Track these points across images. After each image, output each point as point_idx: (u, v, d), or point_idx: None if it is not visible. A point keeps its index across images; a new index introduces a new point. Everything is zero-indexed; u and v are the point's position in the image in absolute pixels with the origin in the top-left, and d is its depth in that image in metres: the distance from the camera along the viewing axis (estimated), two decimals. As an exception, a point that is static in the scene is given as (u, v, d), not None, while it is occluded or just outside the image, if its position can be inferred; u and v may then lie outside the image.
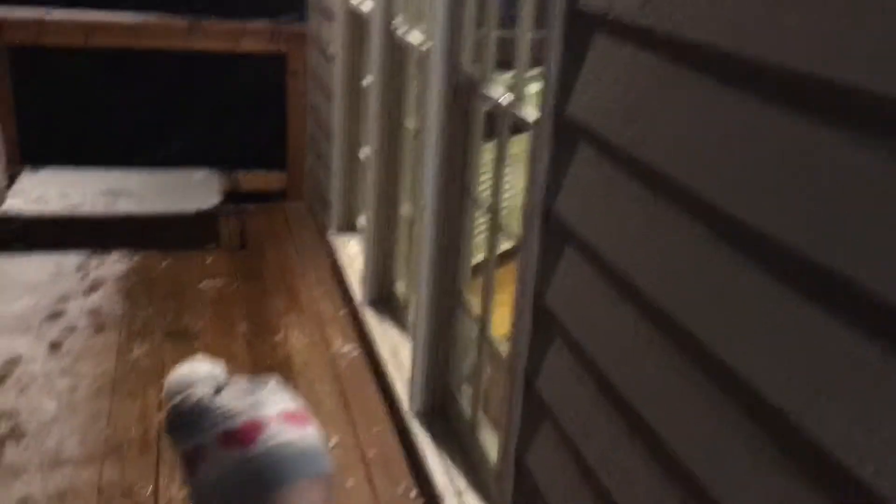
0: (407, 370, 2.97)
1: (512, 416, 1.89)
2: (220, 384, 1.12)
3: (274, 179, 5.35)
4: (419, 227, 2.81)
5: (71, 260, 4.26)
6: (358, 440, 2.99)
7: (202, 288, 4.13)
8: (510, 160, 2.45)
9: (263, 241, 4.77)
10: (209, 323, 3.78)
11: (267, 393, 1.11)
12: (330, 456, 1.10)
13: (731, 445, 1.11)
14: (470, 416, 2.62)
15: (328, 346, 3.65)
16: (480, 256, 2.75)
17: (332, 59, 4.21)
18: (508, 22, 2.31)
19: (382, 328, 3.40)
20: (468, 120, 2.58)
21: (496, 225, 2.41)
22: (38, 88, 4.93)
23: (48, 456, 2.78)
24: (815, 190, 0.95)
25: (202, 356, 1.18)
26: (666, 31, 1.23)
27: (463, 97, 2.57)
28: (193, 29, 4.89)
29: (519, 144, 4.30)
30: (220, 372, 1.14)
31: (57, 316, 3.70)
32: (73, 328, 3.61)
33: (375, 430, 3.04)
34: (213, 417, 1.07)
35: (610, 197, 1.44)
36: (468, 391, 2.75)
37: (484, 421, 2.61)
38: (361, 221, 4.06)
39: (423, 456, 2.64)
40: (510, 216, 2.40)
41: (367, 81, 3.72)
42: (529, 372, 1.81)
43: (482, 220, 2.73)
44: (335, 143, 4.19)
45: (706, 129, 1.16)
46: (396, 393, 2.97)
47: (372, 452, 2.91)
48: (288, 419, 1.08)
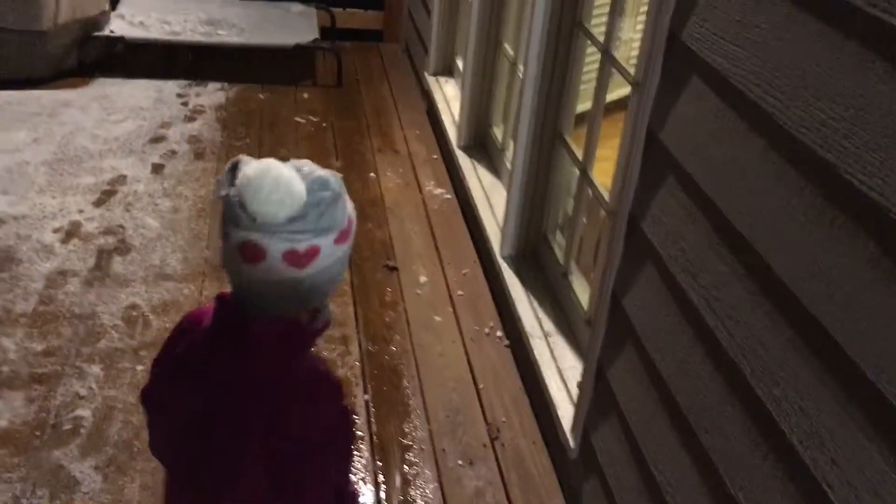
0: (500, 215, 2.94)
1: (612, 257, 1.84)
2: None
3: (371, 18, 5.22)
4: (524, 67, 2.69)
5: (171, 87, 4.31)
6: (447, 280, 3.01)
7: (298, 122, 4.13)
8: (625, 5, 2.29)
9: (359, 80, 4.71)
10: (303, 156, 3.77)
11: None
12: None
13: (856, 288, 1.04)
14: (562, 262, 2.59)
15: (420, 187, 3.64)
16: (585, 106, 2.64)
17: None
18: None
19: (477, 172, 3.35)
20: (586, -52, 2.40)
21: (608, 62, 2.28)
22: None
23: (152, 270, 2.91)
24: None
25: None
26: None
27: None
28: None
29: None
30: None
31: (159, 140, 3.78)
32: (174, 152, 3.69)
33: (465, 271, 3.06)
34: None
35: (749, 20, 1.31)
36: (561, 239, 2.71)
37: (576, 268, 2.58)
38: (459, 64, 3.94)
39: (511, 298, 2.64)
40: (622, 62, 2.26)
41: None
42: (635, 212, 1.75)
43: (592, 62, 2.59)
44: (437, -22, 4.02)
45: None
46: (488, 237, 2.95)
47: (460, 292, 2.94)
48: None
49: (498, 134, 3.40)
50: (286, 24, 4.72)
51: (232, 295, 1.17)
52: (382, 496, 2.16)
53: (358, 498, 1.22)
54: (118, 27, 4.38)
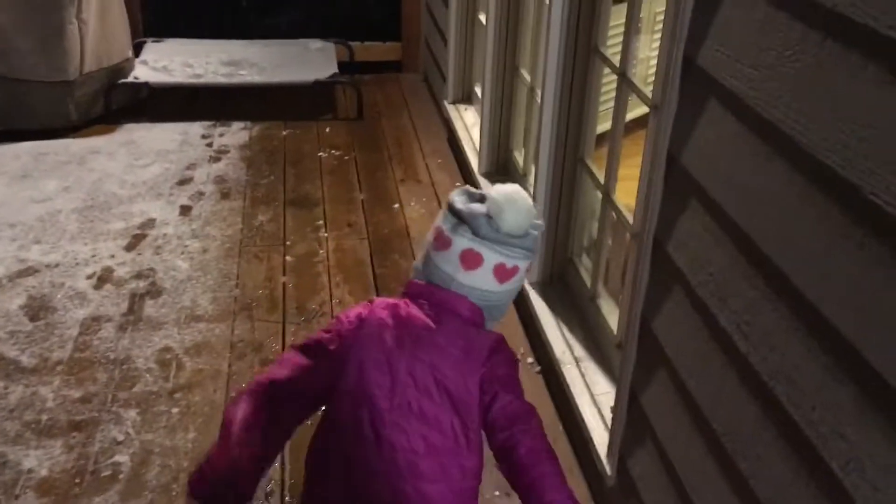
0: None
1: (639, 281, 1.83)
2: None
3: (389, 50, 5.27)
4: (541, 92, 2.70)
5: (196, 128, 4.38)
6: (475, 307, 3.01)
7: (321, 157, 4.18)
8: (640, 24, 2.29)
9: (379, 111, 4.75)
10: (328, 191, 3.84)
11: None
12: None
13: (890, 310, 1.03)
14: (590, 285, 2.58)
15: (445, 215, 3.65)
16: (604, 126, 2.64)
17: (449, -83, 4.01)
18: None
19: (500, 198, 3.35)
20: (598, -27, 2.42)
21: (625, 85, 2.28)
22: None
23: (184, 312, 2.94)
24: None
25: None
26: None
27: (593, -52, 2.40)
28: None
29: (648, 6, 4.06)
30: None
31: (186, 182, 3.85)
32: (201, 193, 3.75)
33: (492, 298, 3.05)
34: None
35: (764, 43, 1.31)
36: (588, 262, 2.70)
37: (604, 291, 2.57)
38: (478, 91, 3.96)
39: (540, 324, 2.63)
40: (639, 83, 2.26)
41: (486, -61, 3.54)
42: (660, 235, 1.74)
43: (609, 83, 2.59)
44: (452, 8, 4.06)
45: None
46: (514, 262, 2.94)
47: (489, 319, 2.94)
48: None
49: (519, 159, 3.41)
50: (305, 60, 4.79)
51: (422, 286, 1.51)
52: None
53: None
54: (142, 73, 4.48)
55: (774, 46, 1.28)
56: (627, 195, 2.41)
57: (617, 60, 2.32)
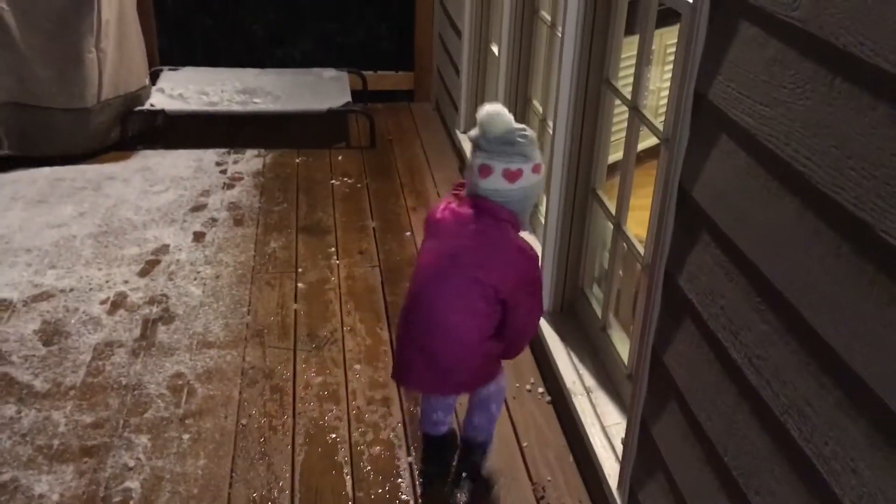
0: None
1: (650, 313, 1.84)
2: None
3: (401, 79, 5.33)
4: (553, 123, 2.73)
5: (210, 155, 4.44)
6: (485, 336, 3.01)
7: (333, 184, 4.21)
8: (651, 56, 2.32)
9: (392, 140, 4.80)
10: (340, 218, 3.87)
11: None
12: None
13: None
14: (601, 316, 2.58)
15: (456, 244, 3.67)
16: (616, 155, 2.66)
17: (462, -50, 4.08)
18: None
19: (511, 227, 3.37)
20: (610, 6, 2.45)
21: (637, 118, 2.30)
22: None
23: (196, 338, 2.96)
24: None
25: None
26: None
27: (605, -17, 2.43)
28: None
29: (659, 39, 4.08)
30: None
31: (200, 208, 3.88)
32: (214, 220, 3.78)
33: (503, 327, 3.06)
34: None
35: (775, 80, 1.33)
36: (599, 292, 2.71)
37: (615, 322, 2.57)
38: (490, 120, 3.98)
39: (551, 354, 2.64)
40: (650, 114, 2.29)
41: (499, -27, 3.59)
42: (671, 268, 1.75)
43: (621, 112, 2.62)
44: (465, 39, 4.11)
45: None
46: (525, 291, 2.95)
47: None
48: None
49: (531, 189, 3.43)
50: (319, 89, 4.85)
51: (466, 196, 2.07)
52: (430, 561, 2.14)
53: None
54: (158, 101, 4.54)
55: (785, 84, 1.30)
56: (638, 226, 2.42)
57: (628, 92, 2.35)
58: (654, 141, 2.81)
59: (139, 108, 4.45)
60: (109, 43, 4.19)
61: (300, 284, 3.32)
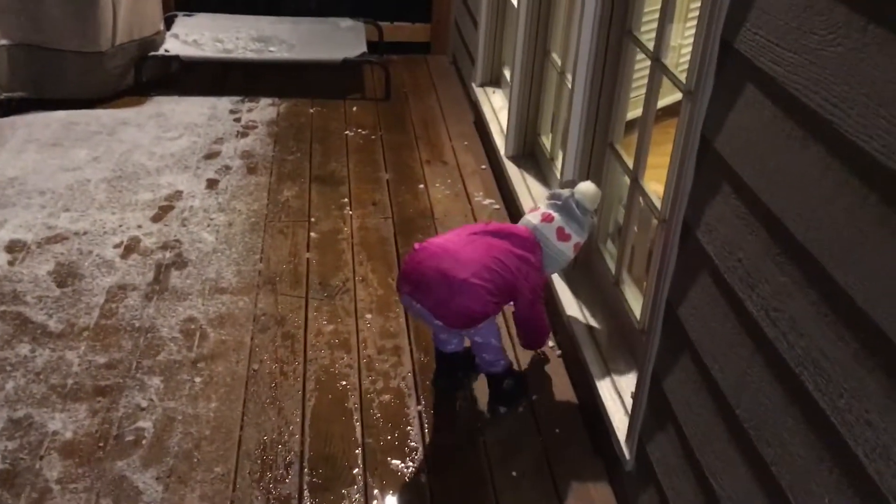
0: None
1: (666, 265, 1.83)
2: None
3: (418, 31, 5.26)
4: (572, 76, 2.69)
5: (224, 103, 4.41)
6: (497, 290, 3.01)
7: (347, 135, 4.19)
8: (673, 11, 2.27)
9: (407, 92, 4.75)
10: (354, 169, 3.85)
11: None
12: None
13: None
14: (614, 271, 2.57)
15: (469, 198, 3.66)
16: (634, 114, 2.62)
17: None
18: None
19: (525, 182, 3.35)
20: (634, -44, 2.39)
21: (659, 70, 2.26)
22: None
23: (208, 284, 2.97)
24: None
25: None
26: None
27: (630, -69, 2.37)
28: None
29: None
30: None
31: (213, 156, 3.87)
32: (228, 168, 3.77)
33: (515, 281, 3.05)
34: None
35: (805, 27, 1.30)
36: (613, 248, 2.69)
37: (628, 277, 2.56)
38: (507, 74, 3.95)
39: (563, 307, 2.63)
40: (673, 67, 2.24)
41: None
42: (689, 220, 1.73)
43: (640, 70, 2.57)
44: (484, -10, 4.04)
45: None
46: (538, 246, 2.94)
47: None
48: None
49: (547, 143, 3.40)
50: (335, 39, 4.79)
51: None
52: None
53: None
54: (173, 46, 4.50)
55: (816, 30, 1.27)
56: (656, 183, 2.40)
57: (650, 46, 2.30)
58: (671, 99, 2.77)
59: (153, 53, 4.42)
60: (124, -14, 4.15)
61: (313, 234, 3.32)
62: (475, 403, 2.51)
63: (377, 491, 2.20)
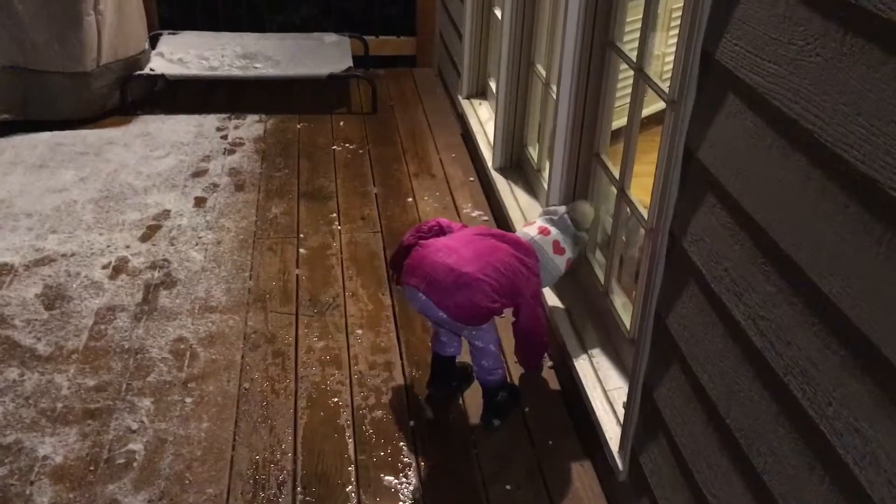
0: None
1: (654, 276, 1.83)
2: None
3: (404, 45, 5.28)
4: (557, 87, 2.70)
5: (211, 121, 4.40)
6: (487, 302, 3.01)
7: (335, 150, 4.19)
8: (656, 20, 2.28)
9: (393, 106, 4.76)
10: (342, 184, 3.85)
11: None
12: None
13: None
14: (603, 281, 2.57)
15: (458, 209, 3.66)
16: (619, 123, 2.63)
17: (466, -88, 4.01)
18: None
19: (513, 193, 3.36)
20: (615, -32, 2.41)
21: (642, 80, 2.27)
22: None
23: (198, 303, 2.96)
24: None
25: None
26: None
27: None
28: None
29: (664, 2, 4.03)
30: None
31: (201, 174, 3.86)
32: (215, 185, 3.76)
33: (505, 292, 3.05)
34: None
35: (784, 37, 1.31)
36: (601, 257, 2.70)
37: (617, 287, 2.56)
38: (493, 86, 3.96)
39: (553, 319, 2.63)
40: (655, 79, 2.25)
41: (503, -66, 3.53)
42: (675, 230, 1.74)
43: (624, 80, 2.58)
44: (467, 3, 4.05)
45: None
46: (527, 257, 2.94)
47: (502, 316, 2.93)
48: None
49: (534, 154, 3.41)
50: (320, 54, 4.80)
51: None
52: None
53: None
54: (158, 65, 4.50)
55: (795, 41, 1.28)
56: (641, 191, 2.40)
57: (633, 56, 2.31)
58: (656, 107, 2.78)
59: (139, 72, 4.41)
60: (108, 5, 4.14)
61: (302, 250, 3.31)
62: (468, 417, 2.51)
63: (371, 508, 2.19)
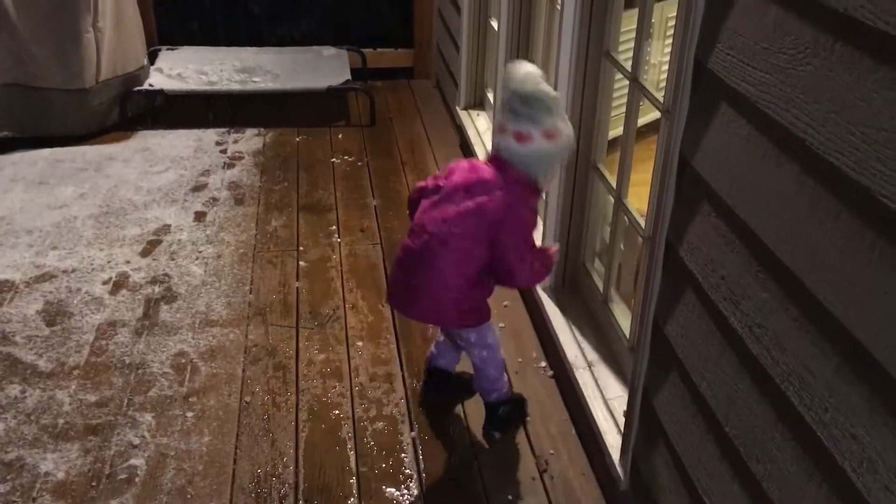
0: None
1: (651, 285, 1.84)
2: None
3: (401, 57, 5.30)
4: (553, 97, 2.71)
5: (210, 135, 4.42)
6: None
7: (334, 163, 4.20)
8: (651, 30, 2.30)
9: (392, 118, 4.78)
10: (341, 196, 3.86)
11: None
12: None
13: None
14: (602, 290, 2.58)
15: (457, 221, 3.66)
16: (616, 131, 2.64)
17: (461, -76, 4.04)
18: None
19: (512, 203, 3.36)
20: (609, -21, 2.42)
21: (637, 89, 2.29)
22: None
23: (198, 317, 2.97)
24: None
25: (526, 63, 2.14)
26: None
27: (604, -46, 2.41)
28: None
29: (659, 12, 4.05)
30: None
31: (200, 188, 3.88)
32: (215, 199, 3.78)
33: (505, 303, 3.06)
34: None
35: (775, 47, 1.32)
36: (600, 266, 2.70)
37: (616, 296, 2.57)
38: (490, 97, 3.97)
39: (553, 329, 2.64)
40: (651, 88, 2.27)
41: (498, -54, 3.56)
42: (672, 239, 1.74)
43: (621, 88, 2.60)
44: (464, 15, 4.08)
45: None
46: (526, 267, 2.95)
47: (502, 325, 2.94)
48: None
49: (531, 164, 3.41)
50: (318, 67, 4.82)
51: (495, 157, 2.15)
52: (434, 534, 2.16)
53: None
54: (157, 81, 4.52)
55: (785, 50, 1.29)
56: (639, 200, 2.41)
57: (629, 66, 2.33)
58: (653, 116, 2.79)
59: (138, 88, 4.43)
60: (107, 22, 4.17)
61: (302, 263, 3.32)
62: (469, 428, 2.51)
63: (373, 520, 2.19)
